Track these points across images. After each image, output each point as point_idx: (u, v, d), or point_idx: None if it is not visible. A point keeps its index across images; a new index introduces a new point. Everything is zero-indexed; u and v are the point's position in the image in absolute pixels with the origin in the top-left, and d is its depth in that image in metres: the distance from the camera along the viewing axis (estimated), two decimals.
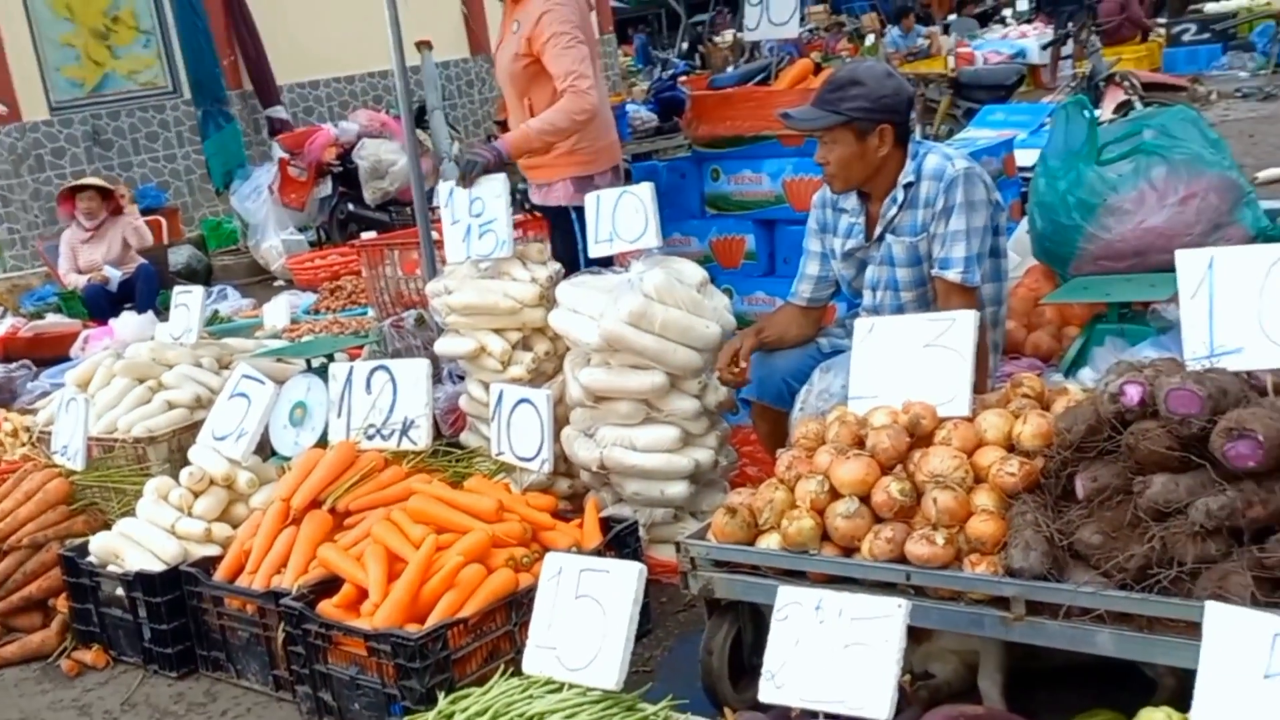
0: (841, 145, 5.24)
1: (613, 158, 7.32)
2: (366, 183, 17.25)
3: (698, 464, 5.71)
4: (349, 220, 17.56)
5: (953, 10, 35.97)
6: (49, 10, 18.23)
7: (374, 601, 4.74)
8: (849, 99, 5.17)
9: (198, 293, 7.92)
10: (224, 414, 6.10)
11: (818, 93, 5.31)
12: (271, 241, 17.00)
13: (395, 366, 5.85)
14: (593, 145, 7.16)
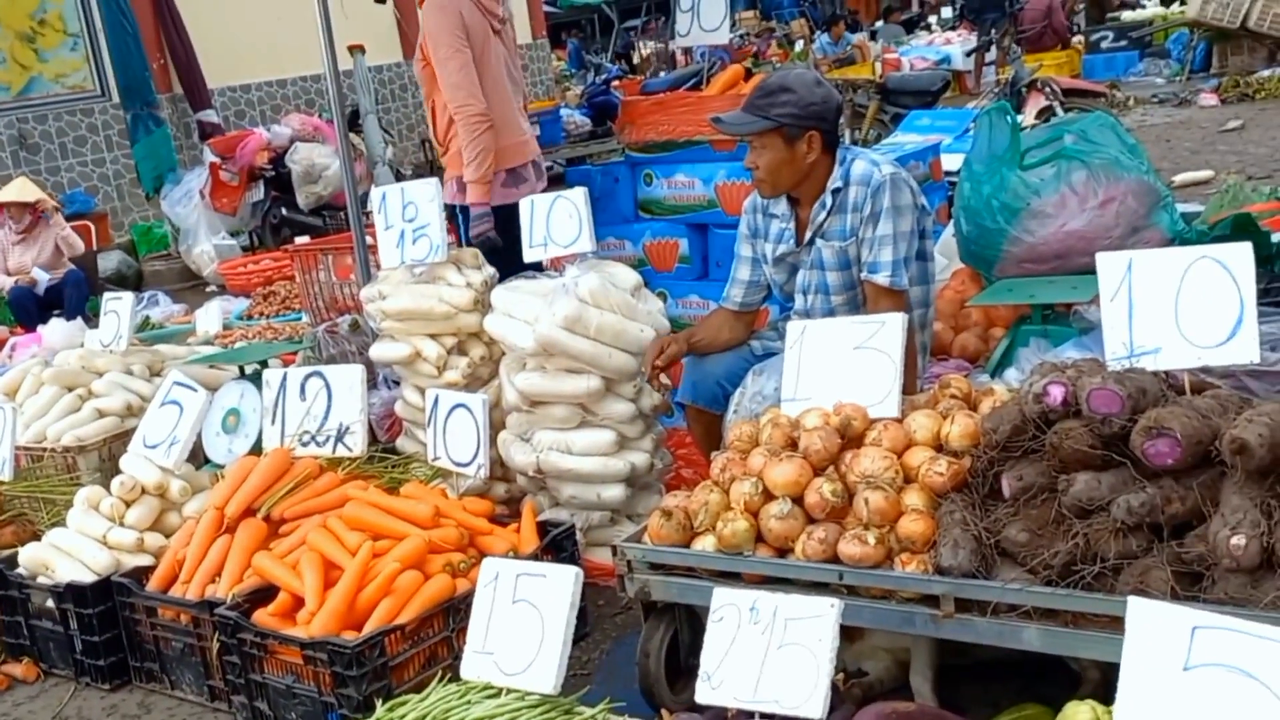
0: (771, 150, 5.35)
1: (504, 160, 7.38)
2: (300, 187, 17.27)
3: (633, 467, 5.80)
4: (282, 225, 17.58)
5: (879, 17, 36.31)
6: None
7: (310, 610, 4.80)
8: (778, 105, 5.28)
9: (128, 299, 7.94)
10: (155, 422, 6.13)
11: (748, 99, 5.43)
12: (203, 246, 16.99)
13: (330, 372, 5.91)
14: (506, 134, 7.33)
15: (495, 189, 7.33)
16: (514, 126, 7.49)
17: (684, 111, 7.14)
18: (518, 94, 7.68)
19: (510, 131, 7.43)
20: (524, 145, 7.56)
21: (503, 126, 7.35)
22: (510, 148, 7.42)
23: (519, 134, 7.56)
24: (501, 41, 7.51)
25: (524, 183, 7.45)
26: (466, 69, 7.12)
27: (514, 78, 7.64)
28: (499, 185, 7.35)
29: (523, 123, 7.66)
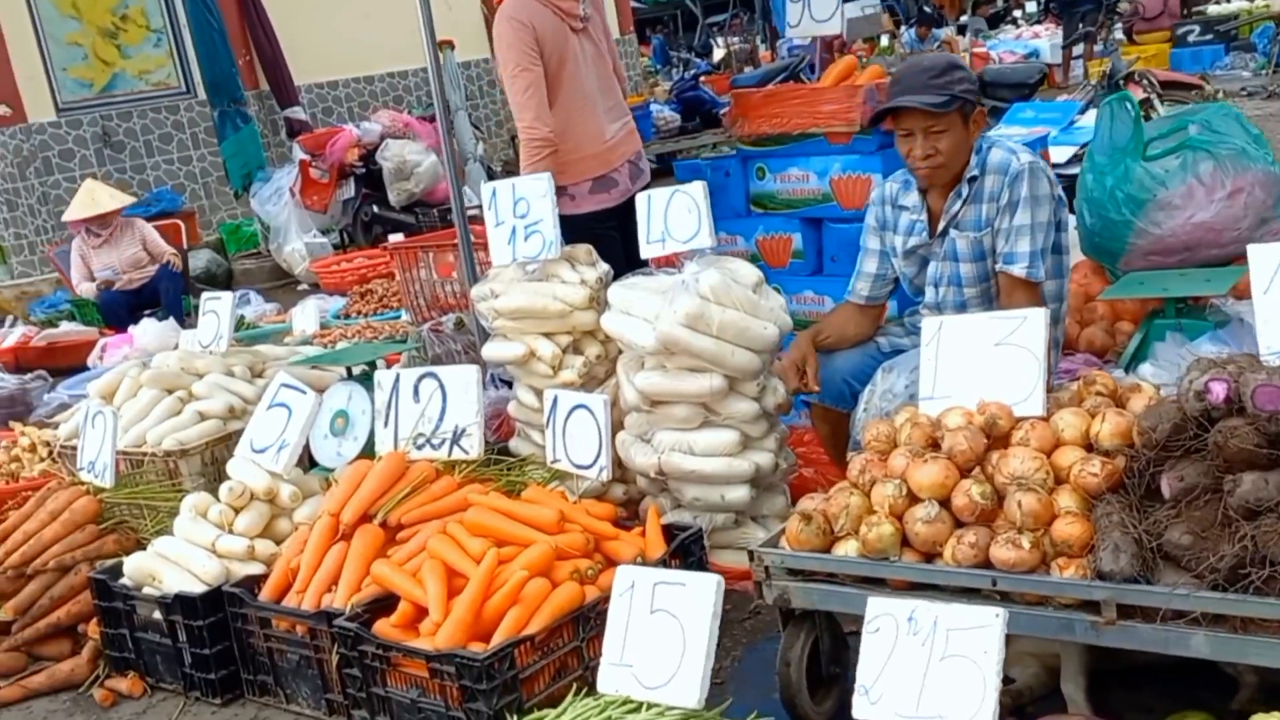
0: (952, 132, 5.32)
1: (585, 171, 7.40)
2: (391, 184, 17.26)
3: (758, 467, 5.72)
4: (373, 222, 17.60)
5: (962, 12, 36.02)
6: (54, 9, 18.29)
7: (435, 620, 4.74)
8: (957, 82, 5.26)
9: (227, 298, 7.94)
10: (263, 425, 6.12)
11: (921, 79, 5.31)
12: (294, 245, 17.05)
13: (444, 373, 5.86)
14: (559, 160, 7.20)
15: (582, 197, 7.38)
16: (594, 137, 7.44)
17: (798, 104, 7.05)
18: (608, 93, 7.60)
19: (590, 141, 7.41)
20: (609, 153, 7.51)
21: (582, 137, 7.36)
22: (592, 158, 7.43)
23: (599, 144, 7.47)
24: (588, 39, 7.46)
25: (614, 187, 7.47)
26: (532, 88, 7.11)
27: (602, 75, 7.55)
28: (585, 193, 7.40)
29: (610, 126, 7.55)
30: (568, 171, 7.25)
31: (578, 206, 7.32)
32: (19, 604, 6.05)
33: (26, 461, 8.37)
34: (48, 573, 6.13)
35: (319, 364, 7.64)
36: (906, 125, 5.33)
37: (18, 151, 17.84)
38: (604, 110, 7.48)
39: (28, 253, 18.10)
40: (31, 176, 17.98)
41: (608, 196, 7.38)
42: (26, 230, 18.09)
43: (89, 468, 6.54)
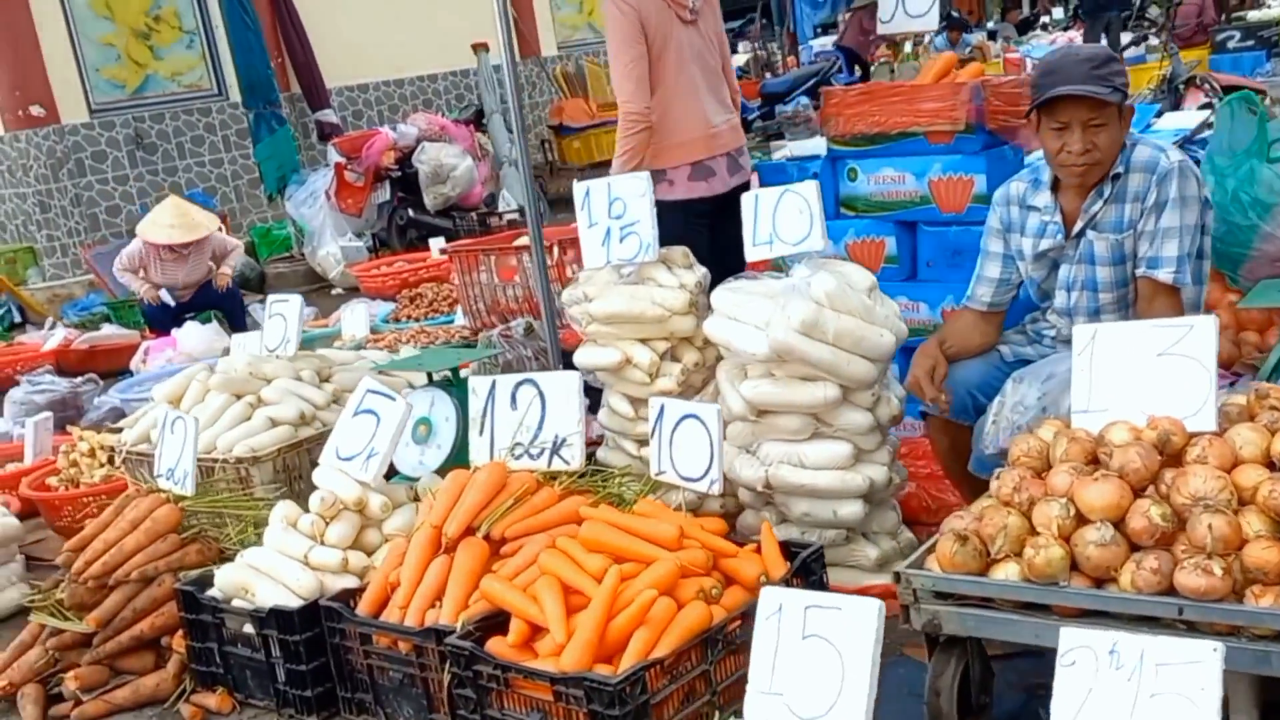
0: (1111, 127, 4.99)
1: (685, 155, 7.34)
2: (427, 188, 17.03)
3: (872, 482, 5.42)
4: (408, 226, 17.34)
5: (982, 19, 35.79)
6: (88, 9, 18.06)
7: (557, 641, 4.44)
8: (1116, 74, 4.97)
9: (295, 302, 7.66)
10: (349, 432, 5.81)
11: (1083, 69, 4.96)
12: (329, 248, 16.78)
13: (543, 380, 5.57)
14: (659, 144, 7.25)
15: (680, 182, 7.29)
16: (697, 120, 7.38)
17: (898, 102, 6.73)
18: (716, 84, 7.52)
19: (693, 125, 7.35)
20: (712, 139, 7.42)
21: (684, 120, 7.30)
22: (695, 141, 7.36)
23: (704, 128, 7.40)
24: (697, 33, 7.40)
25: (712, 175, 7.36)
26: (632, 65, 7.12)
27: (708, 69, 7.47)
28: (684, 179, 7.29)
29: (714, 116, 7.47)
30: (667, 155, 7.27)
31: (674, 192, 7.24)
32: (101, 615, 5.74)
33: (85, 467, 8.08)
34: (130, 583, 5.82)
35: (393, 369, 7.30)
36: (1063, 118, 4.98)
37: (51, 153, 17.59)
38: (711, 99, 7.45)
39: (60, 255, 17.84)
40: (64, 178, 17.73)
41: (706, 185, 7.30)
42: (59, 232, 17.82)
43: (167, 475, 6.23)
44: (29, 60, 17.41)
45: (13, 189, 17.94)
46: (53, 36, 17.63)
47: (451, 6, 21.11)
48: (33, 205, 17.79)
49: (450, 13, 21.26)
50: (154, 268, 12.79)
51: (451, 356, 6.92)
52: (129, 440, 7.52)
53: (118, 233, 18.12)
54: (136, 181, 18.59)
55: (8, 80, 17.45)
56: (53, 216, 17.84)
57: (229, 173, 19.61)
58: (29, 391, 9.80)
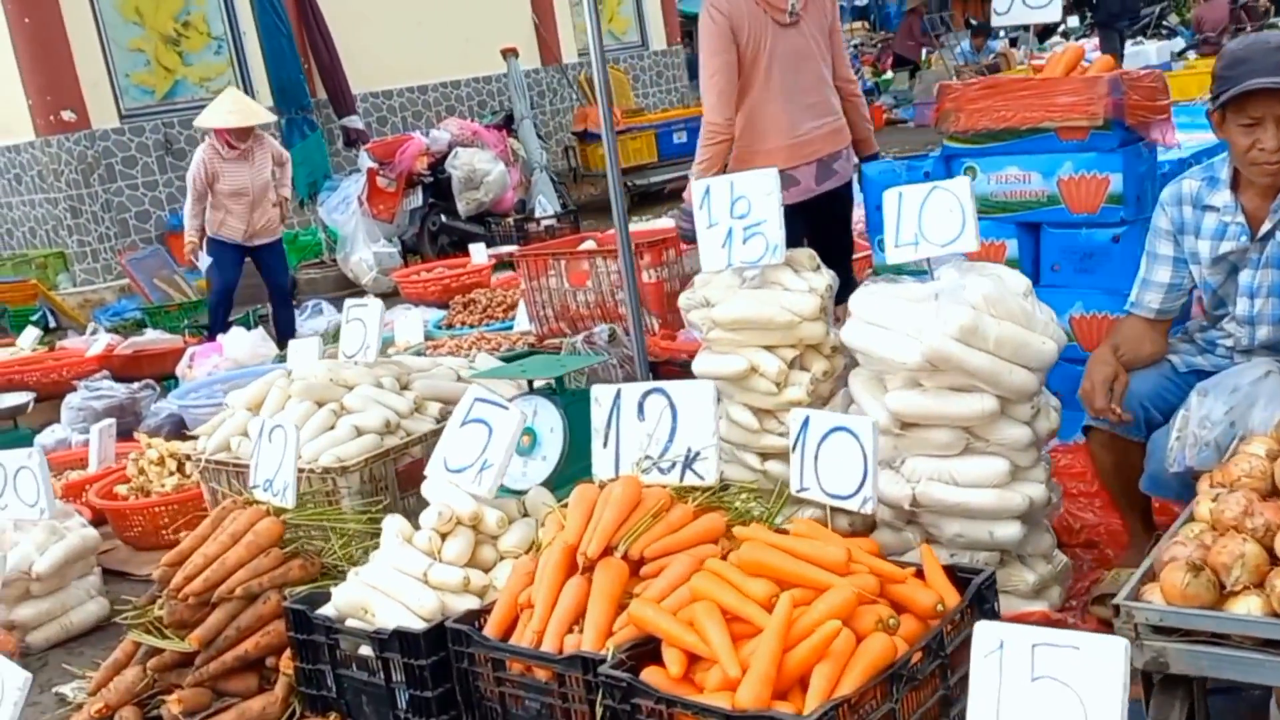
0: None
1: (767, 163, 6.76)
2: (460, 193, 16.61)
3: (1031, 501, 4.96)
4: (440, 232, 16.89)
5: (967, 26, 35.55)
6: (118, 14, 17.71)
7: (730, 674, 3.96)
8: None
9: (375, 306, 7.24)
10: (458, 443, 5.36)
11: (1277, 60, 4.49)
12: (361, 254, 16.35)
13: (675, 389, 5.09)
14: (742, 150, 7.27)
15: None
16: (781, 129, 7.30)
17: (1028, 96, 6.27)
18: (811, 91, 7.36)
19: (776, 134, 7.29)
20: (796, 148, 7.32)
21: (768, 128, 7.26)
22: (777, 150, 7.24)
23: (787, 136, 7.31)
24: (798, 34, 7.23)
25: (795, 184, 7.20)
26: (717, 76, 7.11)
27: (807, 72, 7.31)
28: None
29: (804, 123, 7.36)
30: (748, 162, 7.03)
31: None
32: (204, 634, 5.27)
33: (155, 475, 7.63)
34: (233, 601, 5.35)
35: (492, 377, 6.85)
36: (1255, 113, 4.50)
37: (82, 158, 17.18)
38: (801, 106, 7.28)
39: (90, 260, 17.41)
40: (95, 183, 17.32)
41: (785, 194, 6.57)
42: (90, 237, 17.40)
43: (265, 486, 5.77)
44: (60, 65, 17.02)
45: (43, 194, 17.49)
46: (83, 41, 17.24)
47: (475, 13, 20.80)
48: (64, 210, 17.34)
49: (474, 19, 20.95)
50: (222, 175, 12.03)
51: (555, 364, 6.46)
52: (208, 449, 7.04)
53: (147, 238, 17.73)
54: (165, 187, 18.18)
55: (39, 84, 17.04)
56: (84, 222, 17.41)
57: None
58: (86, 398, 9.34)
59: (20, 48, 16.95)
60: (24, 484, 6.35)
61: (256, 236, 12.41)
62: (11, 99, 17.23)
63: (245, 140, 12.09)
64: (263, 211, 12.31)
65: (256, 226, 12.32)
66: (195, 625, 5.36)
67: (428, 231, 17.07)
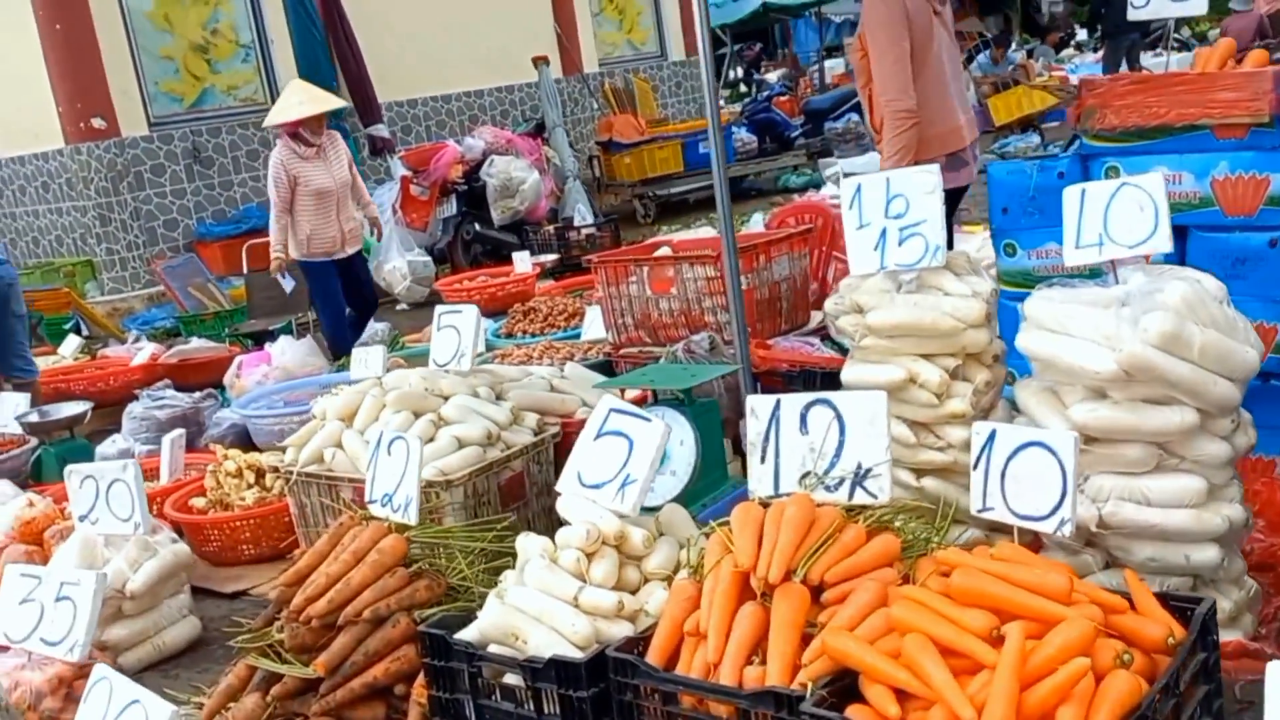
0: None
1: (942, 146, 7.27)
2: (495, 202, 16.19)
3: (1230, 522, 4.52)
4: (474, 241, 16.45)
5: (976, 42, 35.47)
6: (148, 21, 17.28)
7: (961, 715, 3.51)
8: None
9: (470, 313, 6.83)
10: (594, 457, 4.93)
11: None
12: (395, 263, 15.88)
13: (842, 400, 4.64)
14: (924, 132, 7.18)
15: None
16: (950, 112, 7.36)
17: (1184, 91, 5.77)
18: (956, 78, 7.25)
19: (947, 117, 7.33)
20: (964, 129, 7.45)
21: (939, 113, 7.27)
22: (949, 133, 7.33)
23: (955, 119, 7.39)
24: (942, 21, 7.21)
25: (964, 166, 7.43)
26: (900, 63, 7.01)
27: (953, 60, 7.29)
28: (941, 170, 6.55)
29: (962, 106, 7.54)
30: (925, 146, 7.14)
31: None
32: (330, 660, 4.81)
33: (232, 488, 7.16)
34: (360, 623, 4.88)
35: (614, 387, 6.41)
36: None
37: (111, 165, 16.73)
38: (955, 92, 7.43)
39: (119, 269, 16.95)
40: (124, 191, 16.87)
41: (957, 176, 7.29)
42: (118, 246, 16.94)
43: (383, 501, 5.31)
44: (91, 71, 16.61)
45: (71, 202, 17.03)
46: (113, 48, 16.79)
47: (499, 22, 20.46)
48: (92, 219, 16.88)
49: (498, 28, 20.61)
50: (302, 176, 11.22)
51: (682, 374, 6.00)
52: (300, 460, 6.58)
53: (175, 247, 17.31)
54: (194, 196, 17.74)
55: (69, 91, 16.62)
56: (112, 230, 16.96)
57: None
58: (149, 407, 8.87)
59: (50, 54, 16.49)
60: (117, 497, 5.91)
61: (347, 244, 11.54)
62: (41, 106, 16.77)
63: (319, 135, 11.33)
64: (349, 214, 11.53)
65: (345, 230, 11.49)
66: (318, 649, 4.91)
67: (461, 240, 16.63)
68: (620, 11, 24.50)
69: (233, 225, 17.65)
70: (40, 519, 6.80)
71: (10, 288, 10.12)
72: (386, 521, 5.26)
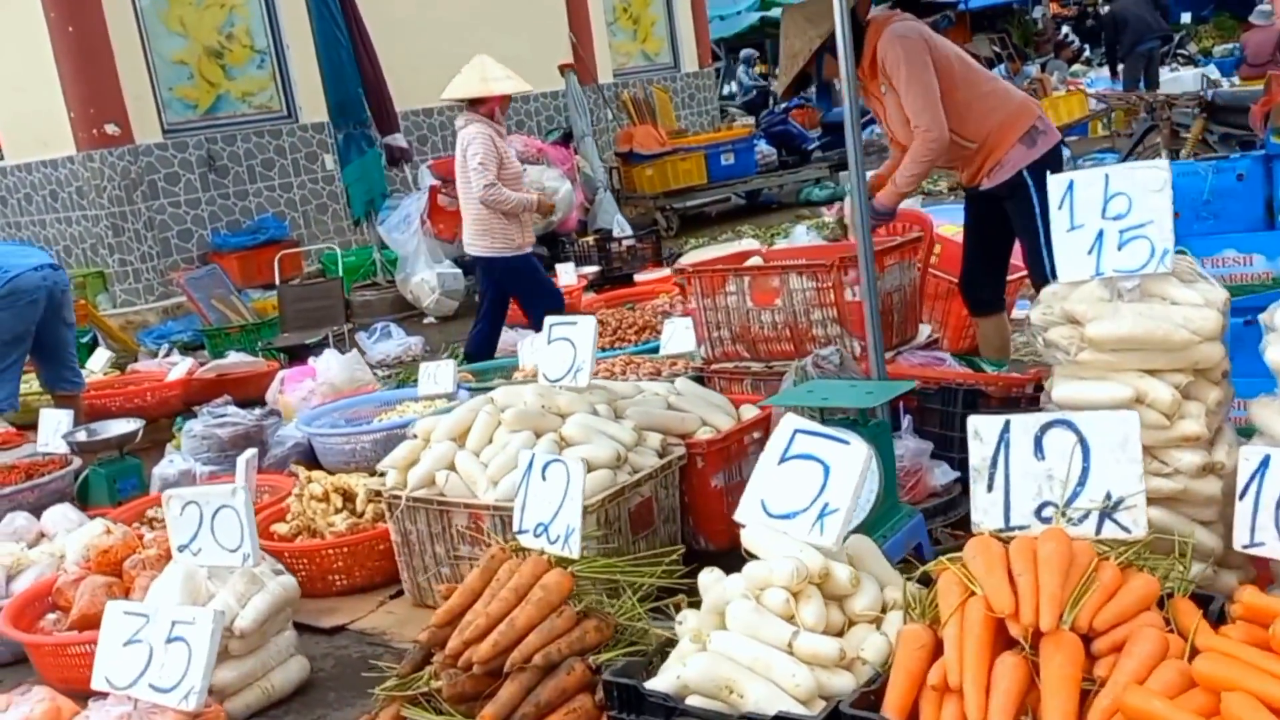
0: None
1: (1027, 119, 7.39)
2: None
3: None
4: None
5: None
6: (161, 24, 16.76)
7: None
8: None
9: (587, 324, 6.32)
10: (779, 483, 4.41)
11: None
12: (423, 275, 15.36)
13: (1085, 423, 4.12)
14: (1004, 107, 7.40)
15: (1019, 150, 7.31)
16: (1007, 93, 7.60)
17: None
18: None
19: (1008, 97, 7.54)
20: (1029, 103, 7.62)
21: (1005, 97, 7.51)
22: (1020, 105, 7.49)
23: (1015, 95, 7.64)
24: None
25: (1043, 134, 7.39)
26: (928, 93, 7.19)
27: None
28: (1024, 147, 7.33)
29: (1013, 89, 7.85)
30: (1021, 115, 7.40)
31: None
32: (498, 711, 4.26)
33: (319, 513, 6.62)
34: (528, 670, 4.34)
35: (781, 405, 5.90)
36: None
37: (125, 173, 16.17)
38: (996, 73, 7.28)
39: (132, 280, 16.38)
40: (138, 200, 16.33)
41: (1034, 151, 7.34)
42: (131, 256, 16.37)
43: (537, 532, 4.78)
44: (104, 76, 16.09)
45: (81, 211, 16.45)
46: (127, 52, 16.27)
47: (514, 32, 19.94)
48: (104, 228, 16.31)
49: (512, 38, 20.07)
50: (505, 157, 10.48)
51: (856, 392, 5.45)
52: (410, 484, 6.04)
53: (189, 258, 16.77)
54: (208, 205, 17.20)
55: (82, 96, 16.08)
56: (126, 240, 16.39)
57: (297, 197, 18.23)
58: (210, 425, 8.29)
59: (63, 57, 15.91)
60: (224, 525, 5.36)
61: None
62: (51, 112, 16.17)
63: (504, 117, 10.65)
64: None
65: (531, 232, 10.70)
66: (478, 698, 4.37)
67: None
68: (634, 21, 24.04)
69: (249, 236, 17.10)
70: (118, 547, 6.24)
71: (64, 294, 9.59)
72: (543, 554, 4.71)
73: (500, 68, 10.68)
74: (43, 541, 7.05)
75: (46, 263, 9.55)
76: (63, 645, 5.78)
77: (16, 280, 9.16)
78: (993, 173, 7.40)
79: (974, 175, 7.51)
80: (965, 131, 7.33)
